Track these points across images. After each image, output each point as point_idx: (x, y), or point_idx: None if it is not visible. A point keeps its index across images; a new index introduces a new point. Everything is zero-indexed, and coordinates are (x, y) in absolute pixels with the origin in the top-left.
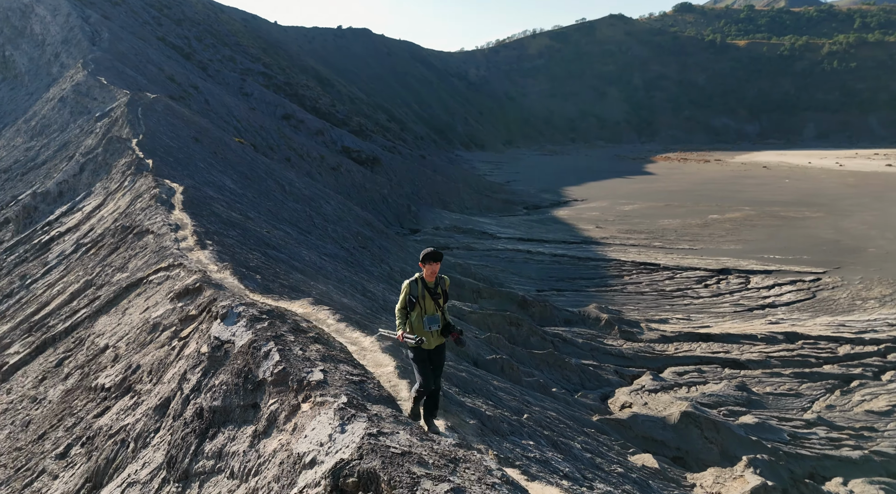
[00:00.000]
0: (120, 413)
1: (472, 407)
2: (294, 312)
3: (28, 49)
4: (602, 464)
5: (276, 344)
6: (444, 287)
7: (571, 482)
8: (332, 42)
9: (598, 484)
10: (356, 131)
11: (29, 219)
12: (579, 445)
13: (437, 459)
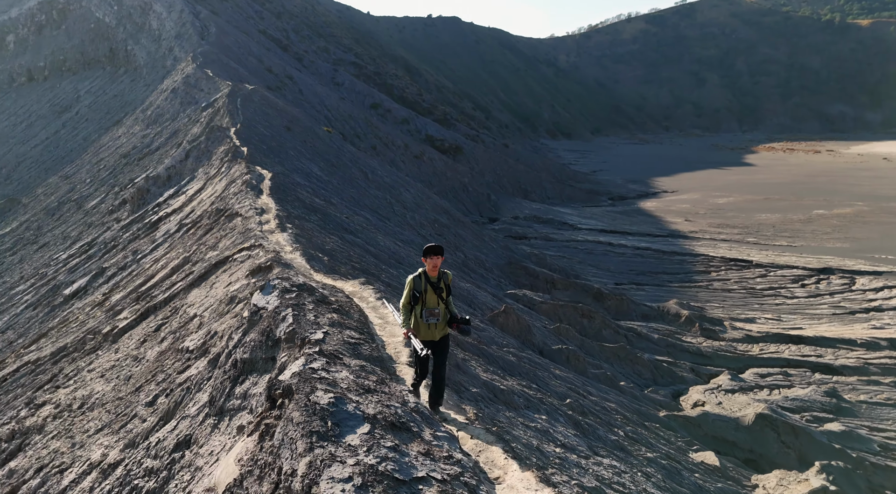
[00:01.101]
0: (194, 369)
1: (487, 380)
2: (339, 289)
3: (146, 44)
4: (633, 450)
5: (294, 310)
6: (446, 281)
7: (565, 449)
8: (422, 31)
9: (604, 459)
10: (440, 120)
11: (142, 200)
12: (622, 432)
13: (354, 387)
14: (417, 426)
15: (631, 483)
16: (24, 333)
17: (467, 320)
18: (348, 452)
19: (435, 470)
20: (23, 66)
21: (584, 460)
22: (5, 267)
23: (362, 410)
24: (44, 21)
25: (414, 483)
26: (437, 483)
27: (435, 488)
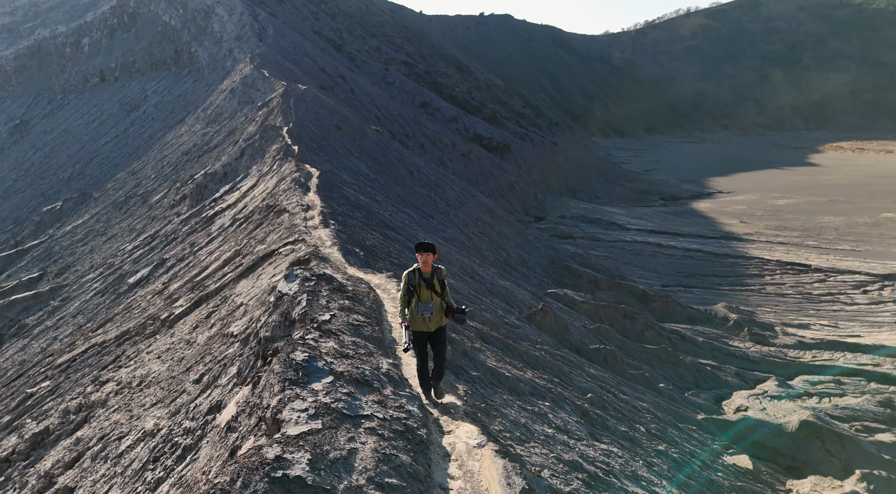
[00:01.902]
0: (231, 349)
1: (493, 367)
2: (365, 281)
3: (208, 45)
4: (645, 443)
5: (308, 295)
6: (439, 276)
7: (558, 431)
8: (474, 29)
9: (600, 445)
10: (489, 118)
11: (200, 196)
12: (642, 428)
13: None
14: (381, 384)
15: (619, 465)
16: (93, 318)
17: (463, 310)
18: (310, 393)
19: (380, 412)
20: (96, 68)
21: (577, 442)
22: (77, 257)
23: (332, 368)
24: (115, 24)
25: (357, 418)
26: (377, 419)
27: (374, 423)
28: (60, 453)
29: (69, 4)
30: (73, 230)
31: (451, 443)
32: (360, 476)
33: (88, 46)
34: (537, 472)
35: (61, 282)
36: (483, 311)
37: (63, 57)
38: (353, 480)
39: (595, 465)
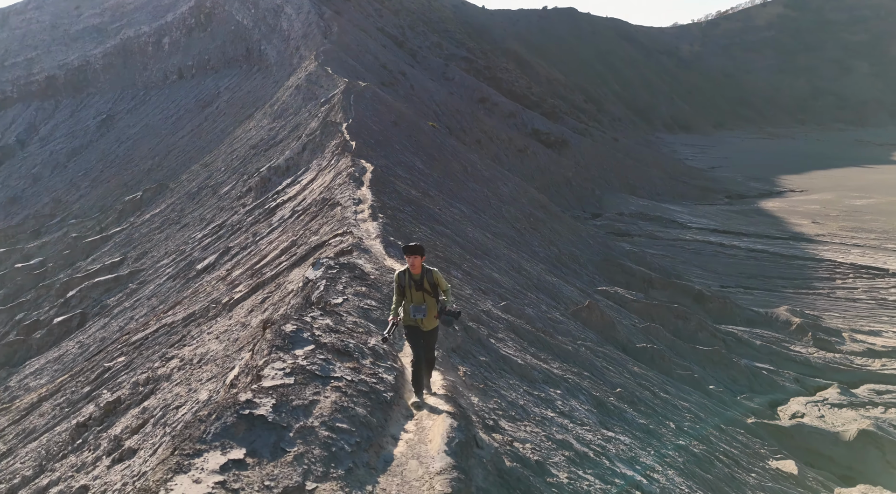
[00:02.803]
0: None
1: (506, 355)
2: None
3: (277, 43)
4: (665, 436)
5: (327, 281)
6: (431, 279)
7: (560, 415)
8: (536, 23)
9: (606, 432)
10: (548, 113)
11: (264, 188)
12: (672, 425)
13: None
14: (361, 356)
15: (619, 450)
16: (164, 300)
17: (453, 312)
18: (291, 357)
19: (350, 376)
20: (175, 65)
21: (577, 426)
22: (154, 243)
23: (316, 339)
24: (193, 24)
25: (327, 378)
26: (345, 381)
27: (342, 383)
28: (129, 420)
29: (152, 5)
30: (150, 218)
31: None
32: (314, 420)
33: (168, 45)
34: (508, 441)
35: (139, 267)
36: (525, 306)
37: (146, 55)
38: (308, 422)
39: (589, 447)
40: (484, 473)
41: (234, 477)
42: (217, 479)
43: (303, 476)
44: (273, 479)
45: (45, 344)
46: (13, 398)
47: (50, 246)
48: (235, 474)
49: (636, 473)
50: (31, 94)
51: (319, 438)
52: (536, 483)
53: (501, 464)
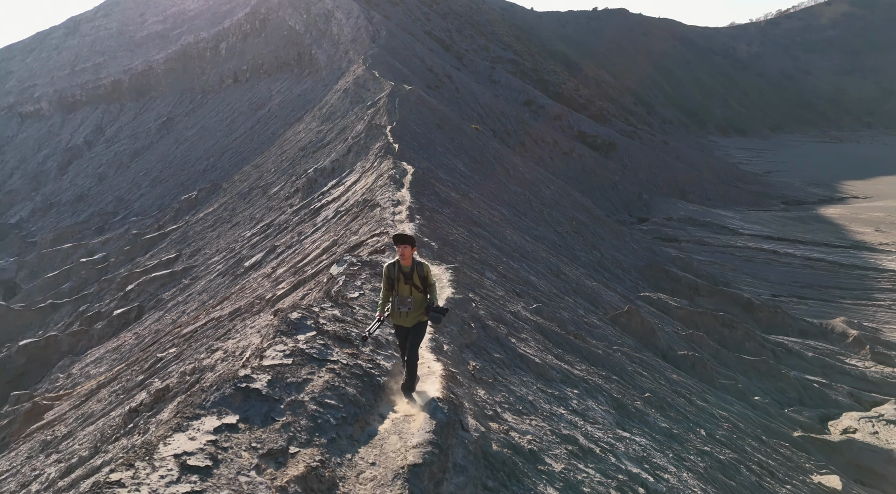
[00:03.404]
0: None
1: (523, 353)
2: None
3: (327, 47)
4: (689, 442)
5: (346, 277)
6: (420, 272)
7: (573, 413)
8: (586, 25)
9: (621, 432)
10: (595, 115)
11: (310, 189)
12: (703, 432)
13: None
14: (362, 344)
15: (630, 449)
16: (214, 295)
17: (440, 309)
18: (292, 341)
19: (346, 360)
20: (230, 70)
21: (588, 424)
22: (206, 241)
23: (319, 326)
24: (248, 30)
25: (324, 361)
26: (341, 364)
27: (337, 366)
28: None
29: (211, 12)
30: (204, 217)
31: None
32: (305, 396)
33: (225, 50)
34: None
35: (192, 263)
36: (561, 309)
37: (204, 60)
38: (299, 397)
39: (597, 444)
40: (464, 452)
41: (224, 438)
42: (210, 438)
43: (287, 441)
44: (260, 442)
45: (106, 334)
46: (75, 384)
47: (112, 242)
48: (227, 435)
49: (643, 471)
50: (98, 98)
51: (308, 411)
52: (525, 469)
53: (488, 448)
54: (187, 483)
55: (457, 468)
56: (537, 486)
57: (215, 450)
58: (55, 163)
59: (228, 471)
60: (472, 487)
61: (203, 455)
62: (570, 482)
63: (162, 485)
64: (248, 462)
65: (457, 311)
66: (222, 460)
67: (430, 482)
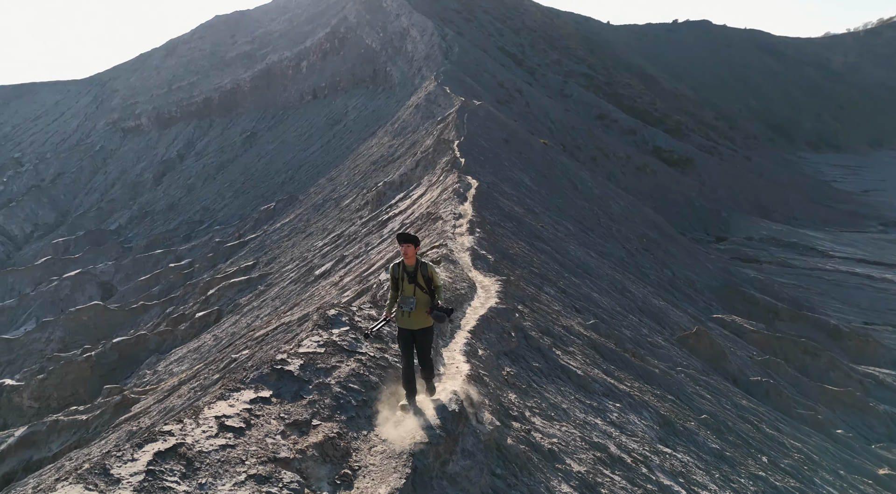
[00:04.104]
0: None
1: (565, 365)
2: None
3: (401, 65)
4: (744, 466)
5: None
6: (425, 273)
7: (611, 425)
8: (664, 37)
9: (663, 449)
10: (672, 130)
11: (379, 202)
12: (764, 459)
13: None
14: (393, 340)
15: (666, 464)
16: (286, 301)
17: (445, 309)
18: (327, 334)
19: (374, 353)
20: (310, 87)
21: (626, 436)
22: (282, 250)
23: (353, 323)
24: (328, 48)
25: (353, 352)
26: (368, 356)
27: (365, 357)
28: None
29: (294, 32)
30: (281, 227)
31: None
32: (331, 379)
33: (306, 68)
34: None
35: (268, 271)
36: (622, 328)
37: (286, 77)
38: (326, 380)
39: (629, 455)
40: (475, 441)
41: (258, 408)
42: (246, 407)
43: (311, 415)
44: (288, 414)
45: (188, 335)
46: (159, 380)
47: (198, 249)
48: (260, 406)
49: (677, 485)
50: (190, 114)
51: (332, 392)
52: (541, 464)
53: (502, 441)
54: (223, 438)
55: (465, 453)
56: (550, 481)
57: (249, 416)
58: (151, 174)
59: (258, 433)
60: (478, 471)
61: (238, 419)
62: (588, 482)
63: (203, 437)
64: (276, 428)
65: (497, 320)
66: (254, 424)
67: (436, 460)
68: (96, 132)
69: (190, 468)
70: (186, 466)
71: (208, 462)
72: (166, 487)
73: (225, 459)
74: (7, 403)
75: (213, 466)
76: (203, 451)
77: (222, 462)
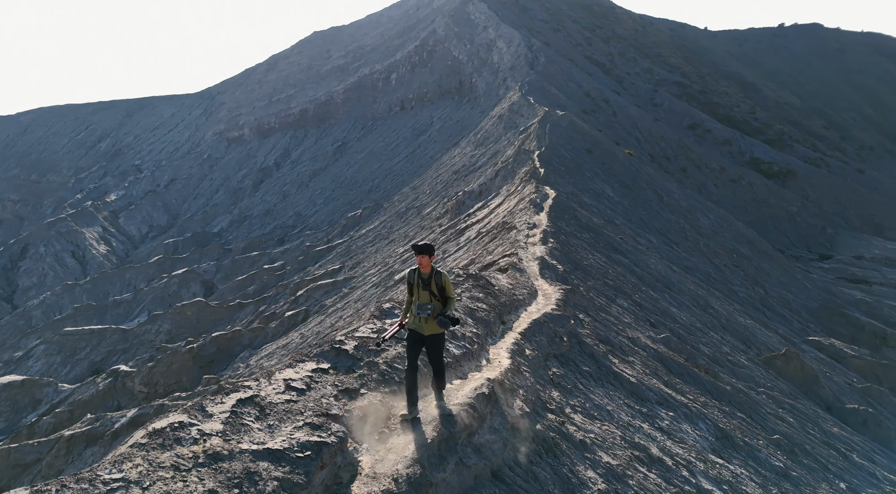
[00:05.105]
0: None
1: (618, 372)
2: (538, 289)
3: (486, 76)
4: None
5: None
6: (439, 281)
7: (660, 431)
8: (768, 43)
9: (716, 459)
10: (773, 140)
11: (458, 210)
12: (843, 485)
13: None
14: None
15: (711, 470)
16: (367, 304)
17: (450, 317)
18: (381, 323)
19: None
20: (398, 98)
21: (672, 441)
22: (366, 255)
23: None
24: (417, 61)
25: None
26: None
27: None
28: None
29: (385, 46)
30: (366, 233)
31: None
32: (380, 359)
33: (395, 80)
34: (559, 421)
35: (352, 275)
36: (700, 344)
37: (376, 90)
38: (374, 359)
39: (672, 458)
40: (502, 421)
41: (317, 375)
42: (308, 374)
43: (360, 385)
44: (341, 382)
45: (278, 332)
46: (251, 373)
47: (290, 252)
48: (319, 374)
49: (719, 490)
50: (287, 125)
51: (379, 369)
52: (568, 451)
53: (532, 426)
54: (288, 395)
55: (491, 429)
56: (575, 465)
57: (310, 381)
58: (251, 181)
59: (315, 394)
60: (502, 445)
61: (301, 382)
62: (615, 473)
63: (273, 393)
64: (330, 392)
65: (551, 325)
66: (313, 387)
67: (464, 431)
68: (205, 142)
69: (262, 413)
70: (259, 411)
71: (276, 411)
72: (244, 423)
73: (288, 410)
74: (122, 387)
75: (279, 414)
76: (272, 402)
77: (286, 411)
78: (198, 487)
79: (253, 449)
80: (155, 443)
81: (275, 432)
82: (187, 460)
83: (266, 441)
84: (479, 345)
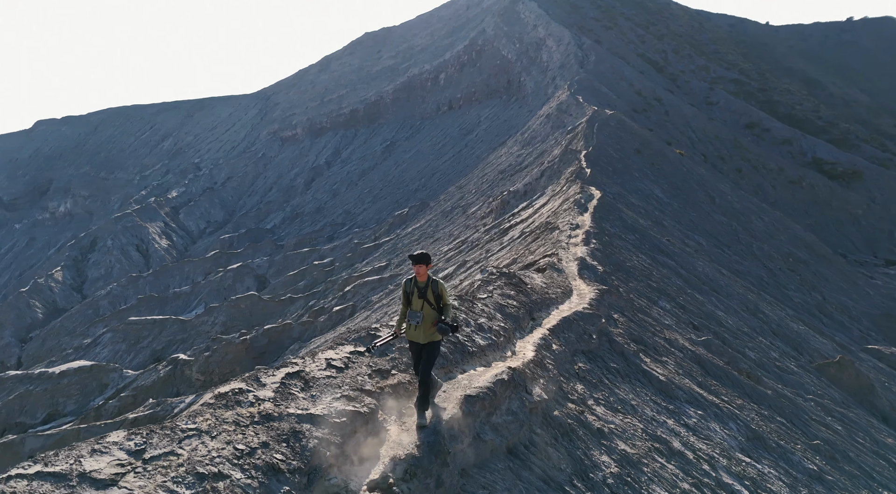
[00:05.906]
0: None
1: (647, 370)
2: (567, 286)
3: (535, 75)
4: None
5: (482, 283)
6: (435, 289)
7: (685, 428)
8: (834, 37)
9: (743, 458)
10: (838, 140)
11: (503, 210)
12: (885, 492)
13: None
14: (466, 325)
15: (734, 466)
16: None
17: (449, 324)
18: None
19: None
20: (447, 98)
21: (696, 438)
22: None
23: None
24: (465, 60)
25: None
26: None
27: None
28: None
29: (434, 46)
30: (412, 231)
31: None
32: None
33: (444, 80)
34: (579, 410)
35: (398, 272)
36: (746, 349)
37: (425, 89)
38: (406, 346)
39: (694, 452)
40: (520, 405)
41: (354, 357)
42: (346, 356)
43: (391, 367)
44: (375, 364)
45: (326, 326)
46: None
47: (339, 249)
48: (356, 356)
49: (740, 485)
50: (339, 124)
51: (409, 354)
52: (584, 436)
53: (549, 412)
54: (328, 372)
55: (509, 411)
56: (590, 449)
57: (348, 361)
58: (302, 179)
59: (352, 372)
60: (518, 425)
61: (340, 362)
62: (630, 460)
63: (316, 369)
64: (365, 371)
65: (581, 323)
66: (350, 367)
67: (483, 411)
68: (260, 141)
69: (306, 385)
70: (304, 384)
71: (318, 384)
72: (292, 393)
73: (328, 383)
74: (180, 375)
75: (320, 387)
76: (315, 377)
77: (327, 384)
78: (254, 439)
79: (298, 414)
80: (220, 404)
81: (316, 401)
82: (245, 418)
83: (309, 408)
84: (506, 339)
